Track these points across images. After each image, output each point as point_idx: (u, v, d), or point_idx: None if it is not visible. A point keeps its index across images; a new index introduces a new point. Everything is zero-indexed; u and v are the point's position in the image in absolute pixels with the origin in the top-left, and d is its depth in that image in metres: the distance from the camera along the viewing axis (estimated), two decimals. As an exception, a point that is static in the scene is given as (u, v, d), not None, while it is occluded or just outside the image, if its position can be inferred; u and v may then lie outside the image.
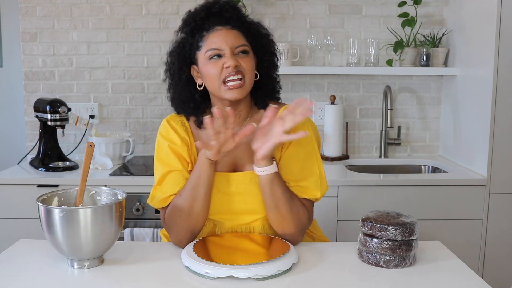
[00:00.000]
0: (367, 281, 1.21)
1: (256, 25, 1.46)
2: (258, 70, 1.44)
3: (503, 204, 2.25)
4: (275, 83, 1.48)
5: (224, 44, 1.35)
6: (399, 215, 1.31)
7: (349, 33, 2.71)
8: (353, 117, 2.77)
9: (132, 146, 2.53)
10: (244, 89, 1.37)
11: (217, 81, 1.36)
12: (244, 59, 1.37)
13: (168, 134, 1.45)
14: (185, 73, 1.43)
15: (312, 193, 1.42)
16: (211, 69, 1.36)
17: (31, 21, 2.68)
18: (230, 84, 1.35)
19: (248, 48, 1.39)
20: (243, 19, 1.42)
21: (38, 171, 2.37)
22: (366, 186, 2.23)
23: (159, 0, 2.68)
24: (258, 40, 1.44)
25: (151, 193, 1.44)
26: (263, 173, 1.32)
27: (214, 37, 1.37)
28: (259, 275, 1.18)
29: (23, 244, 1.43)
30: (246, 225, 1.44)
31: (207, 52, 1.37)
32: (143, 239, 2.13)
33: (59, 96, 2.70)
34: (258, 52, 1.44)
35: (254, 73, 1.41)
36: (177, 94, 1.45)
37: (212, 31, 1.38)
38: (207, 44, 1.37)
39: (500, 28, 2.14)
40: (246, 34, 1.41)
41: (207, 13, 1.40)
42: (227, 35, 1.37)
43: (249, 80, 1.38)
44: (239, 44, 1.37)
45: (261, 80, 1.45)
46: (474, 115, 2.36)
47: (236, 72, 1.35)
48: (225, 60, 1.35)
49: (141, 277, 1.21)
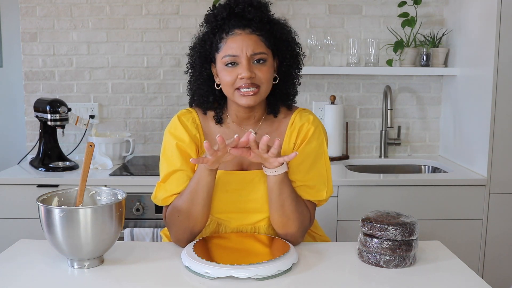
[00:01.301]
0: (367, 281, 1.21)
1: (280, 25, 1.42)
2: (278, 73, 1.43)
3: (503, 204, 2.25)
4: (291, 88, 1.46)
5: (240, 51, 1.33)
6: (399, 215, 1.31)
7: (349, 33, 2.71)
8: (353, 117, 2.77)
9: (132, 146, 2.53)
10: (258, 97, 1.36)
11: (231, 88, 1.36)
12: (261, 69, 1.35)
13: (176, 131, 1.44)
14: (207, 70, 1.43)
15: (317, 194, 1.43)
16: (226, 76, 1.36)
17: (31, 21, 2.68)
18: (243, 91, 1.35)
19: (266, 55, 1.36)
20: (265, 21, 1.38)
21: (38, 171, 2.37)
22: (366, 186, 2.23)
23: (159, 0, 2.68)
24: (280, 43, 1.41)
25: (154, 190, 1.44)
26: (274, 173, 1.32)
27: (232, 42, 1.35)
28: (259, 275, 1.18)
29: (23, 244, 1.43)
30: (252, 225, 1.44)
31: (224, 57, 1.36)
32: (143, 239, 2.13)
33: (59, 96, 2.70)
34: (279, 54, 1.42)
35: (271, 81, 1.39)
36: (197, 88, 1.45)
37: (231, 34, 1.35)
38: (225, 48, 1.36)
39: (500, 28, 2.14)
40: (268, 37, 1.38)
41: (229, 12, 1.37)
42: (245, 41, 1.34)
43: (265, 89, 1.37)
44: (257, 52, 1.34)
45: (278, 84, 1.43)
46: (474, 115, 2.36)
47: (250, 84, 1.34)
48: (240, 71, 1.34)
49: (141, 277, 1.21)
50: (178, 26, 2.70)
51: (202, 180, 1.34)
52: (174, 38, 2.70)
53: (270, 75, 1.37)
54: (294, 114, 1.47)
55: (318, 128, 1.46)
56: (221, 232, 1.45)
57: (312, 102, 2.74)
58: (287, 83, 1.45)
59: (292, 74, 1.45)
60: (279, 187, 1.34)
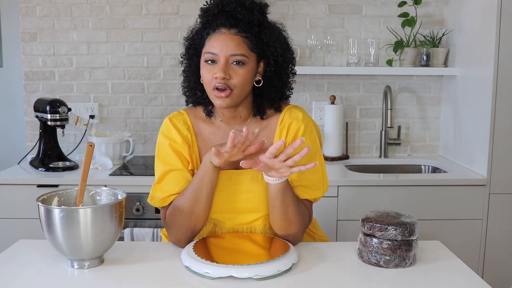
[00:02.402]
0: (367, 281, 1.21)
1: (271, 30, 1.40)
2: (263, 77, 1.42)
3: (503, 204, 2.25)
4: (276, 93, 1.44)
5: (220, 50, 1.33)
6: (399, 215, 1.31)
7: (349, 33, 2.71)
8: (353, 117, 2.77)
9: (132, 146, 2.53)
10: (231, 99, 1.35)
11: (209, 86, 1.36)
12: (237, 71, 1.34)
13: (169, 132, 1.45)
14: (195, 63, 1.43)
15: (314, 193, 1.43)
16: (205, 73, 1.36)
17: (31, 21, 2.68)
18: (217, 92, 1.34)
19: (246, 58, 1.35)
20: (255, 23, 1.36)
21: (38, 171, 2.37)
22: (366, 186, 2.23)
23: (159, 0, 2.68)
24: (266, 47, 1.39)
25: (151, 192, 1.44)
26: (277, 181, 1.31)
27: (215, 40, 1.35)
28: (259, 275, 1.18)
29: (23, 244, 1.43)
30: (247, 225, 1.44)
31: (205, 54, 1.36)
32: (143, 239, 2.13)
33: (59, 96, 2.71)
34: (266, 58, 1.41)
35: (247, 85, 1.37)
36: (186, 79, 1.47)
37: (217, 32, 1.35)
38: (208, 45, 1.36)
39: (500, 28, 2.14)
40: (254, 40, 1.36)
41: (220, 9, 1.36)
42: (227, 41, 1.34)
43: (238, 93, 1.35)
44: (236, 53, 1.33)
45: (264, 88, 1.42)
46: (474, 115, 2.36)
47: (224, 85, 1.33)
48: (216, 70, 1.34)
49: (141, 277, 1.21)
50: (178, 26, 2.70)
51: (206, 177, 1.35)
52: (174, 38, 2.70)
53: (245, 79, 1.35)
54: (283, 112, 1.45)
55: (309, 125, 1.45)
56: (217, 233, 1.45)
57: (312, 102, 2.74)
58: (271, 88, 1.43)
59: (276, 80, 1.43)
60: (283, 193, 1.34)
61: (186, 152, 1.43)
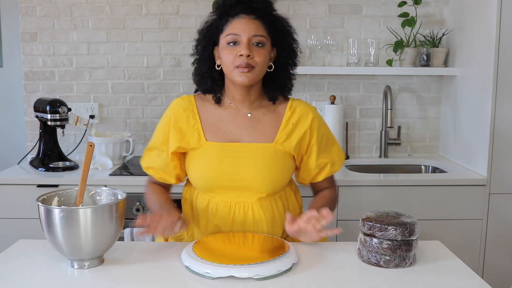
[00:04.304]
0: (367, 281, 1.21)
1: (282, 20, 1.54)
2: (275, 63, 1.52)
3: (503, 204, 2.25)
4: (287, 80, 1.56)
5: (243, 31, 1.44)
6: (399, 215, 1.31)
7: (349, 33, 2.71)
8: (353, 117, 2.77)
9: (132, 146, 2.53)
10: (253, 74, 1.45)
11: (231, 66, 1.45)
12: (259, 51, 1.45)
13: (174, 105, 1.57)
14: (208, 52, 1.52)
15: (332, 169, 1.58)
16: (227, 55, 1.45)
17: (31, 21, 2.68)
18: (241, 69, 1.44)
19: (265, 40, 1.46)
20: (269, 12, 1.50)
21: (38, 171, 2.37)
22: (366, 186, 2.23)
23: (159, 0, 2.68)
24: (280, 34, 1.52)
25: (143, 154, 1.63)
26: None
27: (237, 24, 1.45)
28: (259, 275, 1.18)
29: (23, 244, 1.43)
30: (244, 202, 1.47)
31: (227, 36, 1.46)
32: (143, 239, 2.13)
33: (59, 96, 2.70)
34: (278, 46, 1.52)
35: (266, 65, 1.48)
36: (198, 67, 1.56)
37: (236, 17, 1.46)
38: (229, 28, 1.46)
39: (500, 28, 2.14)
40: (269, 26, 1.49)
41: (238, 0, 1.47)
42: (248, 23, 1.45)
43: (258, 70, 1.46)
44: (257, 34, 1.45)
45: (275, 73, 1.53)
46: (474, 115, 2.36)
47: (247, 64, 1.42)
48: (239, 49, 1.43)
49: (141, 277, 1.21)
50: (178, 26, 2.70)
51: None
52: (174, 38, 2.70)
53: (266, 59, 1.47)
54: (291, 100, 1.58)
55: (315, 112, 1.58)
56: (212, 209, 1.49)
57: (312, 102, 2.74)
58: (284, 74, 1.55)
59: (289, 67, 1.55)
60: None
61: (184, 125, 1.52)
